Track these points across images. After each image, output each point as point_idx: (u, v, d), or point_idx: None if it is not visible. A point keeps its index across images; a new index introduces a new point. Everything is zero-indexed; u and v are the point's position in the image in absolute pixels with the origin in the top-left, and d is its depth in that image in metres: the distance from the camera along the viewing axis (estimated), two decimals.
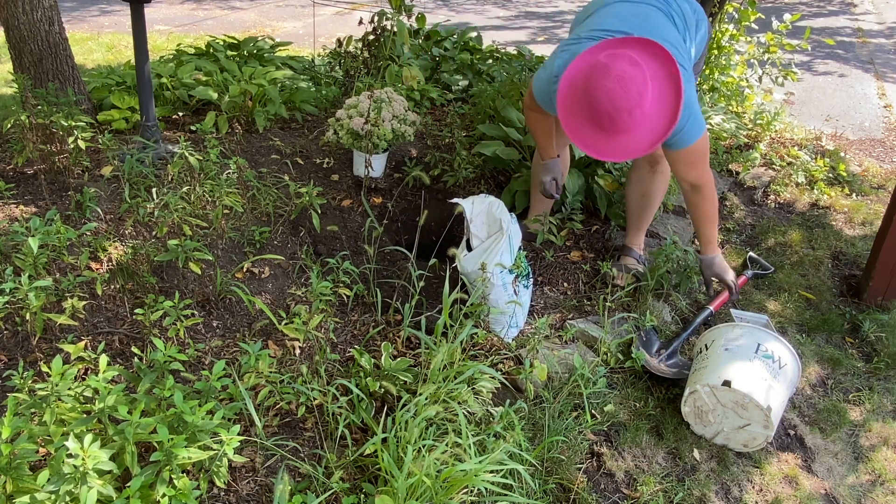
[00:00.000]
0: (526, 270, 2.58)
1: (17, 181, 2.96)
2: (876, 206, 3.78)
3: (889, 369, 2.66)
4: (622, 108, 2.05)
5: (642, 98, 2.04)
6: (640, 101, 2.04)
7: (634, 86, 2.02)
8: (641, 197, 2.86)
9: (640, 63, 2.05)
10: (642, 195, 2.85)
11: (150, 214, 2.42)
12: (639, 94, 2.03)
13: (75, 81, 3.46)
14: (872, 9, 9.63)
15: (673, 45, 2.27)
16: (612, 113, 2.06)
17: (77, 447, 1.38)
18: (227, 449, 1.58)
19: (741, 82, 4.58)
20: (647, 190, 2.83)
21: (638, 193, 2.86)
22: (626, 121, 2.07)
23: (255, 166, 3.29)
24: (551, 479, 2.02)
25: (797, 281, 3.15)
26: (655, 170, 2.78)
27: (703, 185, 2.46)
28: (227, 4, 8.38)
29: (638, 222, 2.93)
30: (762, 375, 2.22)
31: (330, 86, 4.26)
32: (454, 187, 3.39)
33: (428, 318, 2.42)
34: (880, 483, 2.23)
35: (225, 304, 2.42)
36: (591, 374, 2.26)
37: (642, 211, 2.89)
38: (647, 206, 2.87)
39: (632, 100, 2.03)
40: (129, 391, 1.86)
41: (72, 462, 1.37)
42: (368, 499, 1.75)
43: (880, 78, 6.39)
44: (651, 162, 2.77)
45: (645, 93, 2.04)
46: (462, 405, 1.92)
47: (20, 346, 2.12)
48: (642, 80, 2.03)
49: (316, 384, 2.00)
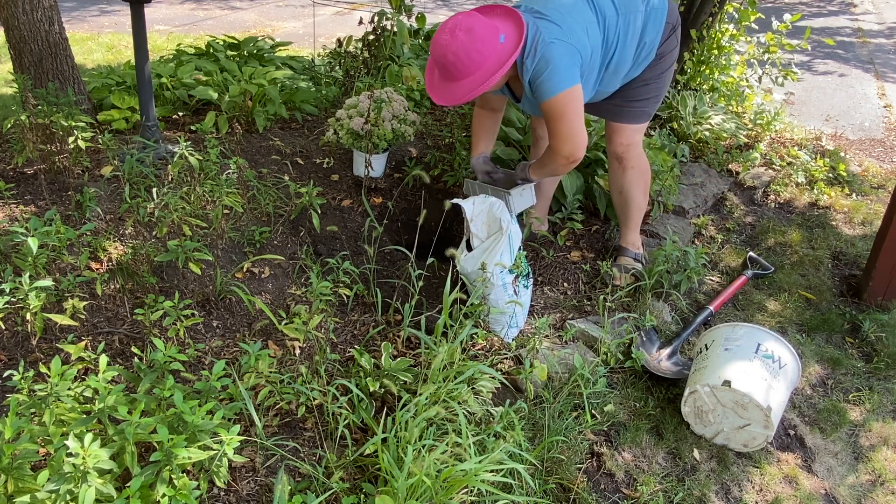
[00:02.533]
0: (526, 270, 2.58)
1: (17, 181, 2.96)
2: (876, 206, 3.78)
3: (889, 369, 2.66)
4: (449, 56, 2.28)
5: (470, 47, 2.25)
6: (468, 50, 2.25)
7: (462, 35, 2.24)
8: (619, 194, 2.91)
9: (480, 19, 2.27)
10: (619, 192, 2.90)
11: (150, 214, 2.42)
12: (466, 42, 2.25)
13: (75, 81, 3.46)
14: (872, 9, 9.63)
15: (560, 12, 2.38)
16: (442, 60, 2.31)
17: (77, 446, 1.38)
18: (227, 449, 1.58)
19: (741, 82, 4.58)
20: (622, 186, 2.87)
21: (616, 191, 2.92)
22: (456, 68, 2.29)
23: (255, 166, 3.29)
24: (551, 479, 2.02)
25: (797, 281, 3.15)
26: (623, 165, 2.81)
27: (552, 149, 2.48)
28: (227, 4, 8.38)
29: (625, 220, 2.96)
30: (762, 375, 2.22)
31: (330, 86, 4.26)
32: (454, 187, 3.39)
33: (428, 318, 2.42)
34: (880, 483, 2.23)
35: (225, 304, 2.42)
36: (591, 374, 2.26)
37: (624, 208, 2.93)
38: (626, 202, 2.90)
39: (460, 49, 2.25)
40: (129, 391, 1.86)
41: (72, 461, 1.37)
42: (368, 499, 1.75)
43: (880, 78, 6.39)
44: (617, 158, 2.81)
45: (472, 44, 2.25)
46: (462, 405, 1.92)
47: (20, 346, 2.12)
48: (472, 32, 2.25)
49: (316, 384, 2.00)
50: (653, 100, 2.71)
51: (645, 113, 2.72)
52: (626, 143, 2.76)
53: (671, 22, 2.58)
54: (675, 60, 2.70)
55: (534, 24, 2.33)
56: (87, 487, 1.36)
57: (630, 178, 2.82)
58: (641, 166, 2.83)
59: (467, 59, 2.27)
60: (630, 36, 2.50)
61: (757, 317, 2.90)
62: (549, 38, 2.30)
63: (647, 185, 2.88)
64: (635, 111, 2.70)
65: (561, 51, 2.30)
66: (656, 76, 2.65)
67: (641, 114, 2.72)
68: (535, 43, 2.30)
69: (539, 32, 2.31)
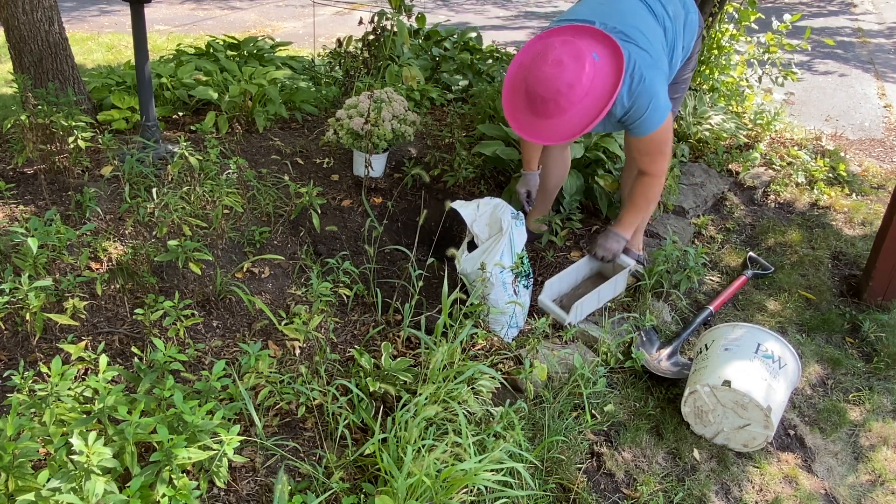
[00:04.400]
0: (527, 271, 2.58)
1: (17, 181, 2.96)
2: (876, 206, 3.78)
3: (889, 369, 2.66)
4: (550, 92, 2.12)
5: (574, 85, 2.10)
6: (571, 87, 2.10)
7: (567, 73, 2.09)
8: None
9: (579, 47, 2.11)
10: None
11: (150, 214, 2.42)
12: (570, 81, 2.10)
13: (75, 81, 3.46)
14: (872, 9, 9.63)
15: (642, 32, 2.29)
16: (543, 96, 2.14)
17: (82, 444, 1.39)
18: (227, 449, 1.58)
19: (741, 82, 4.58)
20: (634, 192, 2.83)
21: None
22: (554, 105, 2.14)
23: (255, 166, 3.29)
24: (551, 478, 2.02)
25: (797, 281, 3.15)
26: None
27: (651, 174, 2.47)
28: (227, 4, 8.38)
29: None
30: (762, 375, 2.22)
31: (330, 86, 4.26)
32: (454, 187, 3.39)
33: (428, 318, 2.42)
34: (880, 483, 2.23)
35: (225, 304, 2.42)
36: (591, 374, 2.26)
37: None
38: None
39: (562, 85, 2.10)
40: (129, 391, 1.86)
41: (76, 458, 1.38)
42: (368, 499, 1.75)
43: (880, 78, 6.39)
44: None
45: (577, 81, 2.10)
46: (462, 405, 1.92)
47: (20, 346, 2.12)
48: (575, 68, 2.09)
49: (316, 384, 2.00)
50: (677, 101, 2.70)
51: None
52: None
53: (701, 24, 2.59)
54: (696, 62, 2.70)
55: (626, 52, 2.19)
56: (95, 478, 1.37)
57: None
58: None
59: (570, 92, 2.10)
60: (677, 40, 2.49)
61: (757, 317, 2.90)
62: (643, 70, 2.19)
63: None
64: None
65: (656, 81, 2.23)
66: (683, 78, 2.66)
67: None
68: (632, 74, 2.19)
69: (634, 63, 2.20)
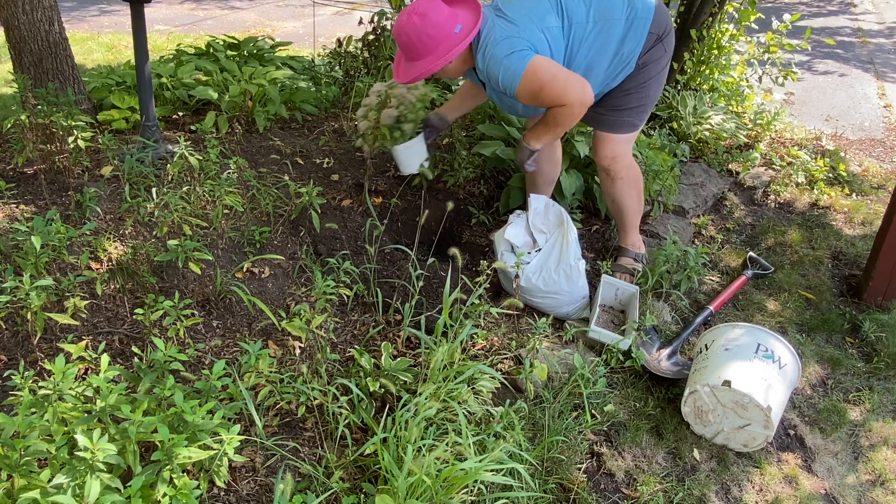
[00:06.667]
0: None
1: (17, 181, 2.96)
2: (876, 206, 3.79)
3: (889, 369, 2.66)
4: (402, 37, 2.38)
5: (422, 31, 2.33)
6: (419, 33, 2.33)
7: (416, 19, 2.33)
8: (612, 202, 2.90)
9: (437, 4, 2.34)
10: (612, 201, 2.90)
11: (150, 214, 2.43)
12: (419, 26, 2.33)
13: (75, 81, 3.47)
14: (872, 9, 9.64)
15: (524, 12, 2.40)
16: (397, 40, 2.41)
17: (87, 441, 1.39)
18: (227, 449, 1.59)
19: (741, 82, 4.58)
20: (613, 196, 2.86)
21: (609, 200, 2.91)
22: (408, 49, 2.39)
23: (255, 166, 3.29)
24: (551, 478, 2.02)
25: (797, 281, 3.15)
26: (612, 177, 2.79)
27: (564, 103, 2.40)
28: (227, 4, 8.38)
29: (622, 224, 2.96)
30: (762, 375, 2.22)
31: (330, 86, 4.26)
32: (454, 187, 3.39)
33: (428, 318, 2.42)
34: (880, 483, 2.23)
35: (225, 303, 2.42)
36: (591, 374, 2.26)
37: (619, 214, 2.93)
38: (621, 209, 2.90)
39: (412, 31, 2.34)
40: (130, 391, 1.86)
41: (81, 455, 1.38)
42: (368, 498, 1.76)
43: (880, 78, 6.39)
44: (604, 170, 2.79)
45: (424, 28, 2.32)
46: (462, 405, 1.92)
47: (20, 345, 2.12)
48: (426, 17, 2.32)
49: (316, 384, 2.00)
50: (636, 110, 2.65)
51: (629, 123, 2.67)
52: (612, 156, 2.72)
53: (656, 32, 2.50)
54: (662, 70, 2.62)
55: (491, 20, 2.38)
56: (91, 479, 1.37)
57: (619, 188, 2.81)
58: (631, 176, 2.80)
59: (419, 41, 2.35)
60: (602, 44, 2.46)
61: (757, 317, 2.90)
62: (500, 37, 2.34)
63: (639, 190, 2.87)
64: (619, 121, 2.66)
65: (506, 46, 2.33)
66: (638, 86, 2.59)
67: (625, 124, 2.67)
68: (487, 39, 2.36)
69: (493, 30, 2.36)
